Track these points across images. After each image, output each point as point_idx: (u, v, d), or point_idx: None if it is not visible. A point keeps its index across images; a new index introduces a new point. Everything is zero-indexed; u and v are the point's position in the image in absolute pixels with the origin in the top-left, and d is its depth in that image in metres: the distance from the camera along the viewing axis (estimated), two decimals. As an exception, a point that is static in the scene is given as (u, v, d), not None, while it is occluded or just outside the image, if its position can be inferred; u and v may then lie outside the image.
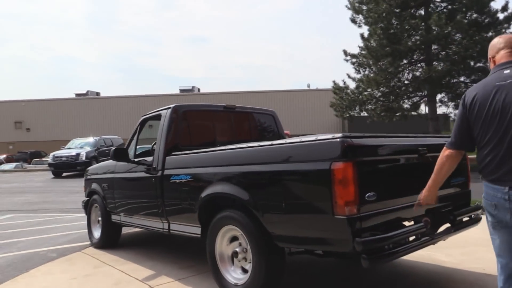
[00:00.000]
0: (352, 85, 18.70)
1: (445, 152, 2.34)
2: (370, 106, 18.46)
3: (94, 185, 6.04)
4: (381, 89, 17.48)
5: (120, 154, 4.89)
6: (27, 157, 35.26)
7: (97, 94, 49.90)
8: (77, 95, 48.38)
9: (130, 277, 4.34)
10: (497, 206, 2.08)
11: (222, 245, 3.67)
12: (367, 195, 2.69)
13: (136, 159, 4.99)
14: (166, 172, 4.34)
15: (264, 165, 3.20)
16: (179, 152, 4.31)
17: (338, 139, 2.69)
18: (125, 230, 6.29)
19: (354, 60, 18.54)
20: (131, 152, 5.17)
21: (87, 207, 6.28)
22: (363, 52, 17.86)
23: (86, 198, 6.37)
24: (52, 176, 19.54)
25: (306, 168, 2.86)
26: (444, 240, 3.33)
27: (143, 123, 5.23)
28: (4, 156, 35.82)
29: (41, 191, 14.29)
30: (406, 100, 18.52)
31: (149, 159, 4.67)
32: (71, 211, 9.33)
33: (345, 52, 18.77)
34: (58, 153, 19.79)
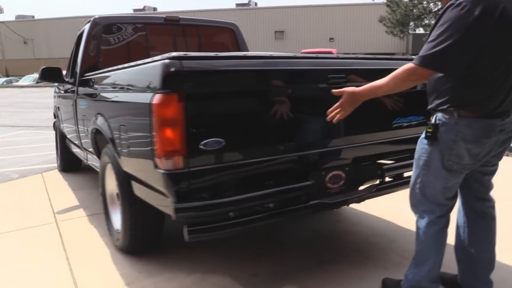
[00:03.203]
0: (407, -3, 16.29)
1: (412, 68, 1.81)
2: (426, 21, 16.13)
3: (54, 106, 5.70)
4: (439, 2, 14.98)
5: (47, 74, 4.32)
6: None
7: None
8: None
9: (49, 208, 4.02)
10: (479, 142, 1.86)
11: (111, 184, 3.12)
12: (204, 142, 1.89)
13: (69, 80, 4.43)
14: (78, 96, 3.76)
15: (115, 94, 2.49)
16: (86, 74, 3.67)
17: (160, 62, 1.87)
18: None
19: (412, -35, 15.92)
20: (69, 72, 4.63)
21: (55, 128, 6.01)
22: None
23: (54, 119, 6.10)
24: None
25: (136, 100, 2.11)
26: (358, 203, 2.47)
27: (78, 40, 4.57)
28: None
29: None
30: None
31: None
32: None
33: (402, -44, 16.12)
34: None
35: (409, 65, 1.84)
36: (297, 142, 2.21)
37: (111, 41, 4.00)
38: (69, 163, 5.46)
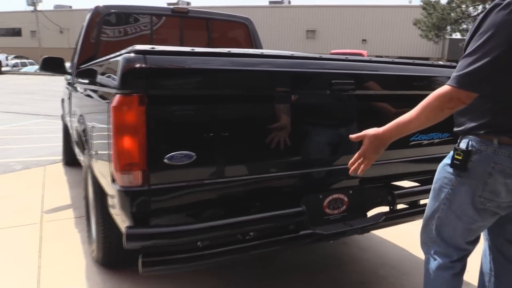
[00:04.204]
0: (444, -1, 15.50)
1: (447, 92, 1.43)
2: (464, 26, 15.30)
3: (62, 98, 5.53)
4: (481, 6, 14.15)
5: (49, 64, 4.10)
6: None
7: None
8: (167, 4, 48.60)
9: (39, 206, 3.81)
10: None
11: (91, 188, 2.85)
12: (169, 155, 1.56)
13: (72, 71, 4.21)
14: (73, 88, 3.52)
15: (90, 91, 2.20)
16: (82, 66, 3.41)
17: (121, 56, 1.55)
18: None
19: (452, -33, 15.10)
20: (72, 63, 4.41)
21: (62, 119, 5.85)
22: (464, -44, 14.37)
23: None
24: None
25: (101, 101, 1.80)
26: (361, 234, 2.08)
27: (82, 29, 4.35)
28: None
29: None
30: None
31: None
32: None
33: (442, -43, 15.32)
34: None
35: (443, 89, 1.45)
36: (288, 158, 1.85)
37: (114, 31, 3.74)
38: (72, 157, 5.26)
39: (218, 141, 1.64)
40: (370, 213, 2.20)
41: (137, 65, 1.49)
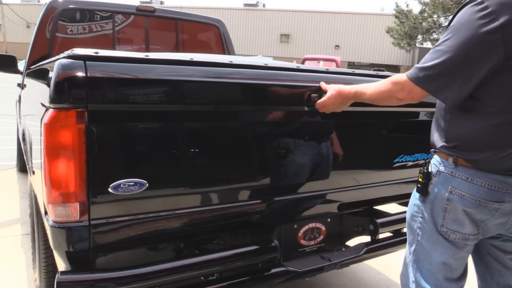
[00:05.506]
0: (417, 9, 15.71)
1: (401, 82, 1.32)
2: (435, 36, 15.54)
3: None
4: (450, 16, 14.41)
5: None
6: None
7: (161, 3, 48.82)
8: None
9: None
10: (484, 207, 1.27)
11: (39, 207, 2.52)
12: (114, 184, 1.28)
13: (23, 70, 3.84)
14: (22, 90, 3.17)
15: (33, 99, 1.89)
16: (32, 67, 3.06)
17: (56, 62, 1.27)
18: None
19: (425, -22, 15.31)
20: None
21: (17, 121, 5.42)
22: (436, -33, 14.58)
23: (18, 112, 5.51)
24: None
25: (37, 114, 1.51)
26: (340, 268, 1.85)
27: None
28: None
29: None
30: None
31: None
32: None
33: (415, -32, 15.52)
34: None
35: (400, 77, 1.34)
36: (259, 184, 1.60)
37: (70, 29, 3.41)
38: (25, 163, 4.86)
39: (175, 166, 1.38)
40: (350, 242, 1.99)
41: (76, 74, 1.21)
